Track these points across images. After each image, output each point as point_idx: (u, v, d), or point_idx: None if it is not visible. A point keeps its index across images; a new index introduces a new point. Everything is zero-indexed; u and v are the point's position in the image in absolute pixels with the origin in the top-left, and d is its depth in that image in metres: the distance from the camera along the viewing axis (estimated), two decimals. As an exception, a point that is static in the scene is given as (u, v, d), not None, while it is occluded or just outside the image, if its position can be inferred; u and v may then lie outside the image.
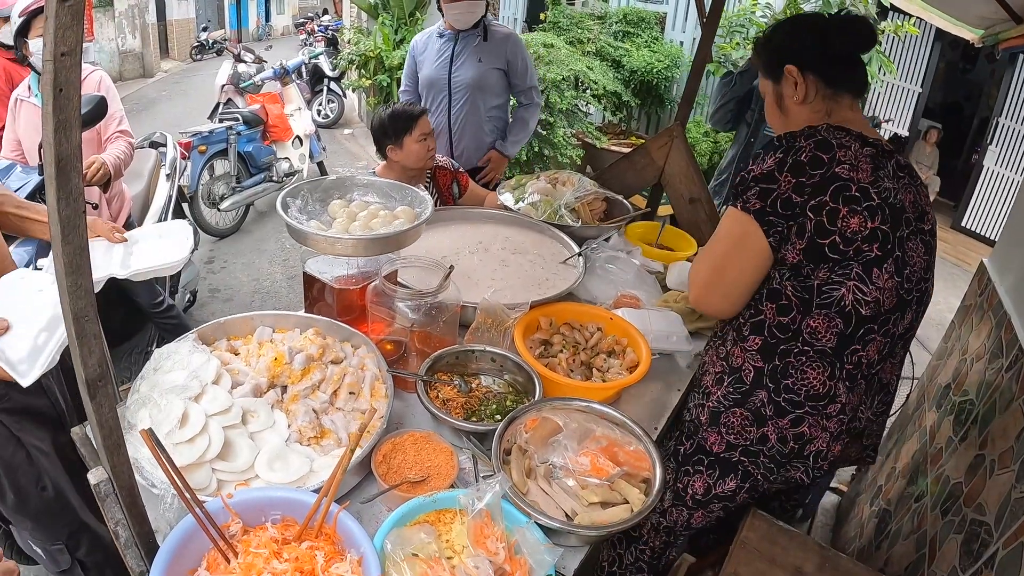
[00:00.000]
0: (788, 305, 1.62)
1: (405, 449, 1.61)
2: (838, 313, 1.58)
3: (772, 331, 1.66)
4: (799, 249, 1.56)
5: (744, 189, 1.60)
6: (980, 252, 8.18)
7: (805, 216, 1.53)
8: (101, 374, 1.11)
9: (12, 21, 3.05)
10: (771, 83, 1.78)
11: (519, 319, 2.00)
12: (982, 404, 2.09)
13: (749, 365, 1.70)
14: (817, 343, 1.61)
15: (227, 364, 1.80)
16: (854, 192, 1.51)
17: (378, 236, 1.86)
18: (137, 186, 4.06)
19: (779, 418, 1.67)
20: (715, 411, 1.77)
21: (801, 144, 1.56)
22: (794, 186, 1.53)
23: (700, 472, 1.83)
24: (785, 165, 1.54)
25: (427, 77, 3.83)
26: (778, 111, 1.78)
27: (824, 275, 1.57)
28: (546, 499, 1.49)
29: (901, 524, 2.33)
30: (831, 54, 1.67)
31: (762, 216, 1.57)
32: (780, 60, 1.72)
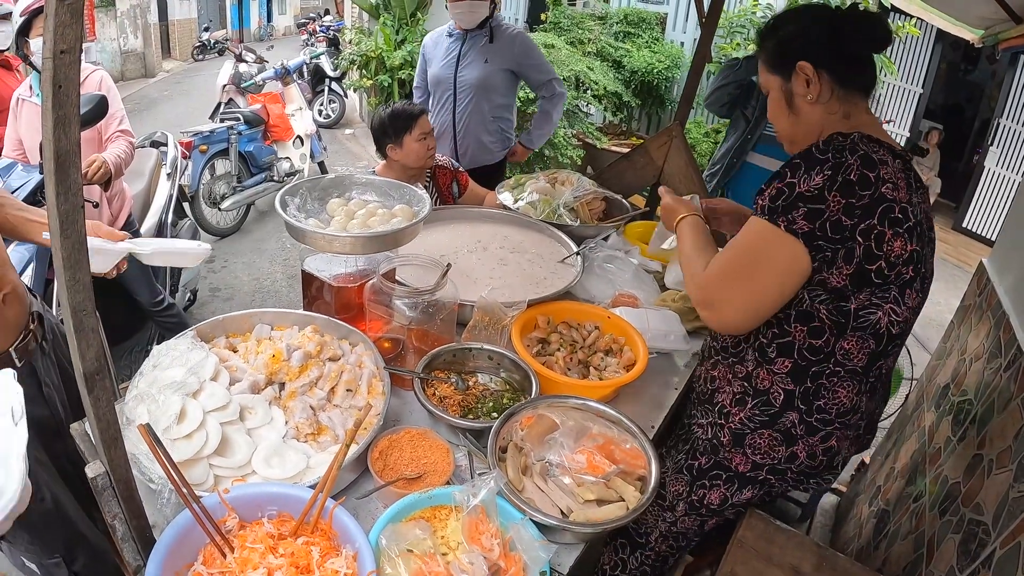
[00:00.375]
0: (821, 328, 1.55)
1: (402, 446, 1.61)
2: (872, 335, 1.54)
3: (803, 353, 1.59)
4: (846, 274, 1.47)
5: (789, 207, 1.46)
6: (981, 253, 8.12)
7: (855, 241, 1.43)
8: (99, 368, 1.11)
9: (13, 20, 3.05)
10: (779, 79, 1.65)
11: (516, 317, 2.00)
12: (980, 404, 2.09)
13: (779, 388, 1.64)
14: (849, 363, 1.57)
15: (225, 361, 1.80)
16: (897, 213, 1.43)
17: (375, 234, 1.86)
18: (138, 185, 4.07)
19: (810, 436, 1.65)
20: (739, 432, 1.72)
21: (849, 161, 1.44)
22: (844, 207, 1.42)
23: (718, 486, 1.79)
24: (835, 184, 1.42)
25: (434, 75, 3.88)
26: (786, 110, 1.65)
27: (864, 299, 1.50)
28: (541, 496, 1.49)
29: (900, 524, 2.33)
30: (846, 52, 1.57)
31: (811, 240, 1.45)
32: (791, 54, 1.59)
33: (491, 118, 3.88)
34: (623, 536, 1.96)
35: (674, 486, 1.85)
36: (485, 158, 4.01)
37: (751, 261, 1.54)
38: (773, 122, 1.73)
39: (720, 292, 1.57)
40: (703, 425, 1.82)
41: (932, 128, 9.80)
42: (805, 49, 1.58)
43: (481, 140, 3.93)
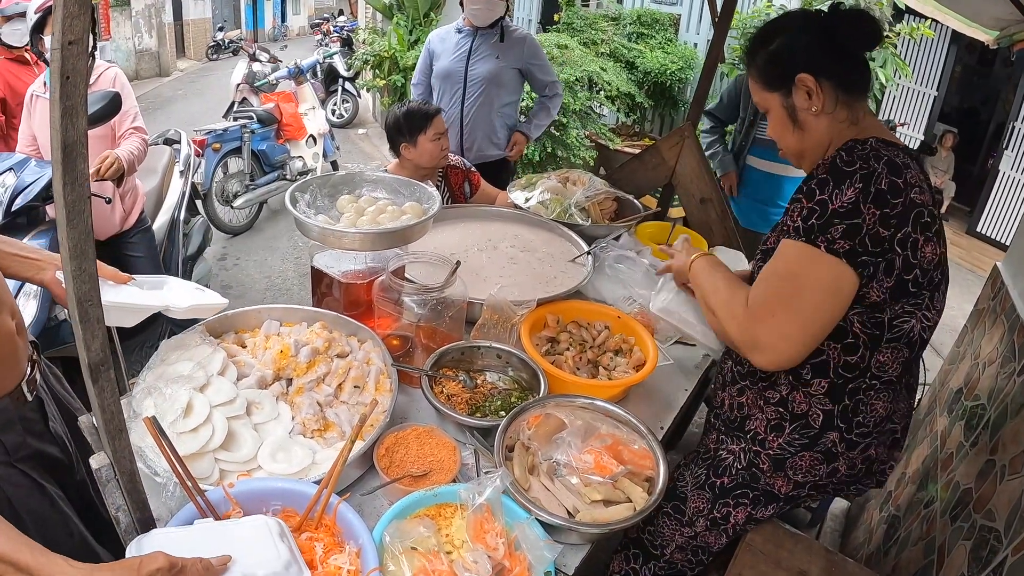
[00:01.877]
0: (855, 344, 1.50)
1: (408, 443, 1.60)
2: (906, 344, 1.50)
3: (838, 372, 1.54)
4: (886, 288, 1.42)
5: (825, 226, 1.38)
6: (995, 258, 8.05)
7: (894, 252, 1.38)
8: (104, 359, 1.11)
9: (28, 18, 3.07)
10: (777, 96, 1.57)
11: (526, 316, 1.99)
12: (994, 409, 2.06)
13: (817, 410, 1.59)
14: (884, 375, 1.54)
15: (234, 356, 1.81)
16: (926, 217, 1.39)
17: (385, 231, 1.86)
18: (151, 182, 4.09)
19: (850, 452, 1.62)
20: (779, 458, 1.67)
21: (877, 169, 1.37)
22: (879, 218, 1.35)
23: (744, 504, 1.76)
24: (868, 196, 1.36)
25: (443, 69, 3.92)
26: (791, 126, 1.58)
27: (898, 309, 1.46)
28: (548, 496, 1.48)
29: (910, 530, 2.30)
30: (844, 54, 1.50)
31: (854, 258, 1.38)
32: (787, 68, 1.52)
33: (498, 114, 3.95)
34: (637, 546, 1.92)
35: (695, 502, 1.81)
36: (491, 153, 4.07)
37: (795, 288, 1.43)
38: (778, 140, 1.65)
39: (768, 328, 1.45)
40: (734, 452, 1.76)
41: (946, 131, 9.72)
42: (801, 59, 1.51)
43: (488, 134, 3.99)
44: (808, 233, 1.40)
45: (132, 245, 3.47)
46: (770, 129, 1.65)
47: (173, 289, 1.90)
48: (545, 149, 6.18)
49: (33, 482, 1.73)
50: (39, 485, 1.74)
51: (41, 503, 1.75)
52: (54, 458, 1.84)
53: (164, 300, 1.79)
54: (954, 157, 9.67)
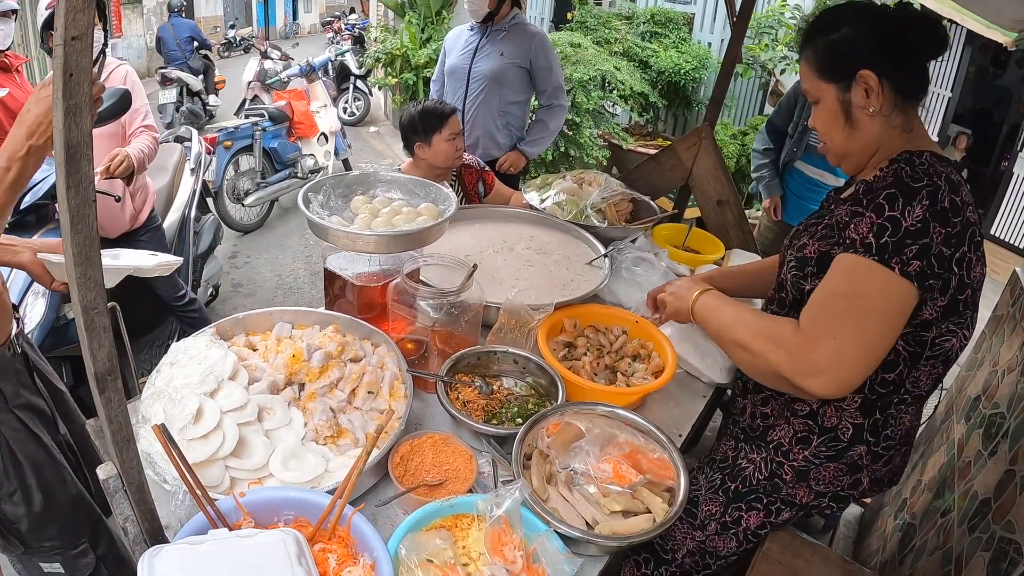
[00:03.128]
0: (895, 361, 1.45)
1: (423, 451, 1.57)
2: (943, 361, 1.47)
3: (874, 388, 1.50)
4: (939, 307, 1.36)
5: (899, 246, 1.30)
6: (1009, 261, 8.00)
7: (951, 272, 1.32)
8: (111, 368, 1.09)
9: (39, 14, 3.05)
10: (834, 88, 1.47)
11: (543, 320, 1.95)
12: (1013, 417, 2.01)
13: (847, 423, 1.57)
14: (916, 391, 1.51)
15: (244, 360, 1.78)
16: (978, 236, 1.35)
17: (400, 233, 1.82)
18: (161, 180, 4.08)
19: (874, 464, 1.60)
20: (803, 470, 1.64)
21: (940, 185, 1.32)
22: (943, 238, 1.29)
23: (758, 509, 1.72)
24: (935, 214, 1.29)
25: (451, 66, 3.93)
26: (842, 122, 1.49)
27: (944, 327, 1.41)
28: (566, 507, 1.45)
29: (926, 539, 2.26)
30: (911, 59, 1.42)
31: (923, 280, 1.31)
32: (850, 61, 1.42)
33: (500, 112, 3.89)
34: (647, 550, 1.88)
35: (707, 506, 1.77)
36: (494, 152, 4.01)
37: (861, 309, 1.33)
38: (823, 135, 1.56)
39: (829, 352, 1.33)
40: (755, 461, 1.72)
41: (960, 133, 9.63)
42: (865, 55, 1.41)
43: (489, 132, 3.93)
44: (881, 252, 1.31)
45: (142, 243, 3.45)
46: (816, 121, 1.55)
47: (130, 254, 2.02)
48: (558, 148, 6.15)
49: (29, 431, 1.84)
50: (34, 434, 1.89)
51: (37, 450, 1.90)
52: (42, 410, 1.95)
53: (133, 262, 1.91)
54: (967, 159, 9.58)
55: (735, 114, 8.54)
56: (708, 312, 1.65)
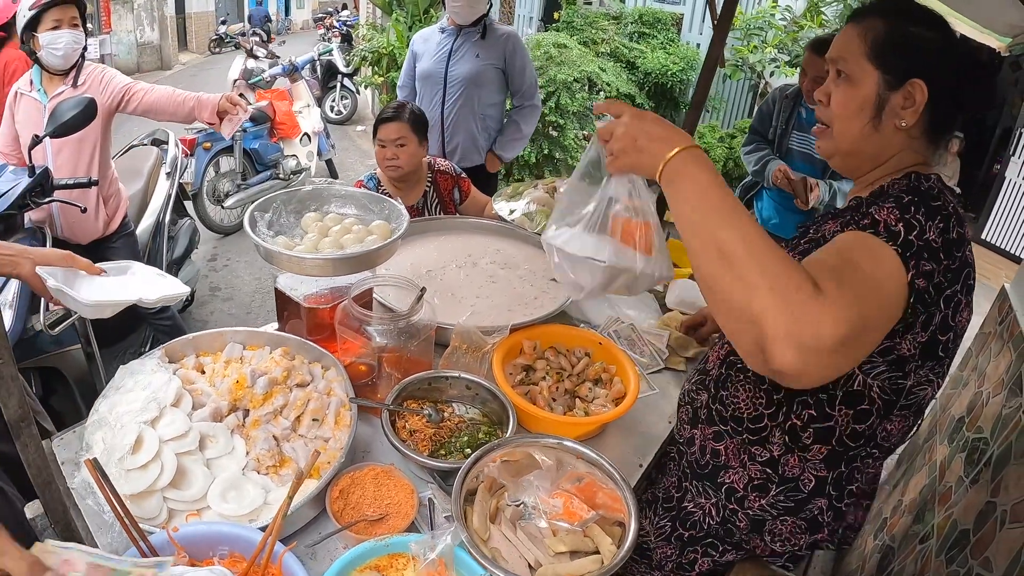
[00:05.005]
0: (869, 411, 1.31)
1: (364, 484, 1.51)
2: (915, 412, 1.35)
3: (843, 440, 1.37)
4: (919, 343, 1.21)
5: (919, 254, 1.14)
6: (1000, 266, 7.98)
7: (938, 307, 1.17)
8: (23, 415, 1.06)
9: (22, 14, 2.99)
10: (878, 75, 1.28)
11: (500, 342, 1.89)
12: (997, 445, 1.95)
13: (810, 475, 1.43)
14: (887, 444, 1.39)
15: (191, 383, 1.72)
16: (971, 280, 1.23)
17: (346, 256, 1.75)
18: (135, 185, 4.01)
19: (836, 522, 1.48)
20: (758, 520, 1.51)
21: (951, 213, 1.20)
22: (943, 270, 1.16)
23: (711, 555, 1.62)
24: (947, 246, 1.16)
25: (424, 70, 3.83)
26: (868, 116, 1.31)
27: (923, 374, 1.27)
28: (509, 548, 1.38)
29: (904, 565, 2.20)
30: (971, 93, 1.29)
31: (918, 302, 1.15)
32: (916, 63, 1.25)
33: (480, 115, 3.83)
34: None
35: (663, 549, 1.67)
36: (475, 156, 3.94)
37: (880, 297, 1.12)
38: (836, 118, 1.35)
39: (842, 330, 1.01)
40: (704, 507, 1.59)
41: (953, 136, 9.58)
42: (935, 67, 1.25)
43: (470, 137, 3.87)
44: (906, 248, 1.14)
45: (114, 250, 3.39)
46: (836, 100, 1.35)
47: (137, 274, 1.94)
48: (542, 151, 6.09)
49: None
50: None
51: None
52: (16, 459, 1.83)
53: (136, 293, 1.83)
54: (959, 163, 9.54)
55: (724, 116, 8.49)
56: (698, 177, 1.14)
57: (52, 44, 2.97)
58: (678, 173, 1.16)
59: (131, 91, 3.19)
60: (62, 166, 3.11)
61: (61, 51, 2.99)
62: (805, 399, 1.36)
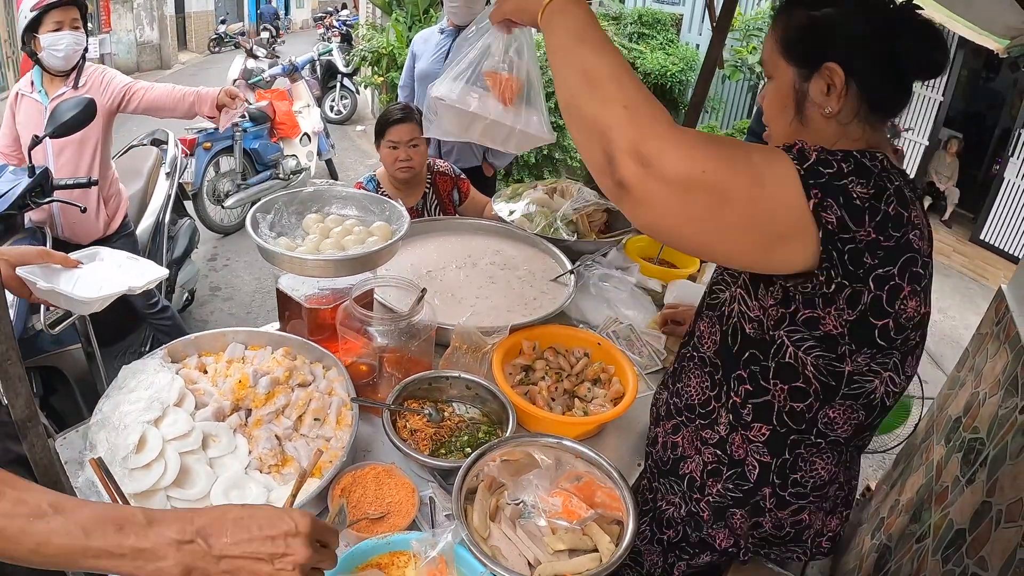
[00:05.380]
0: (806, 391, 1.29)
1: (366, 483, 1.52)
2: (863, 405, 1.29)
3: (782, 419, 1.34)
4: (845, 321, 1.17)
5: (828, 188, 1.08)
6: (998, 266, 8.01)
7: (865, 285, 1.14)
8: (30, 415, 1.08)
9: (23, 15, 3.00)
10: (793, 70, 1.27)
11: (499, 343, 1.90)
12: (993, 445, 1.97)
13: (754, 460, 1.41)
14: (831, 434, 1.34)
15: (194, 383, 1.73)
16: (919, 268, 1.16)
17: (348, 257, 1.76)
18: (135, 185, 4.03)
19: (779, 510, 1.45)
20: (719, 507, 1.50)
21: (890, 189, 1.13)
22: (870, 244, 1.11)
23: (686, 559, 1.62)
24: (876, 214, 1.11)
25: (422, 71, 3.85)
26: (791, 112, 1.29)
27: (862, 361, 1.22)
28: (508, 546, 1.39)
29: (901, 564, 2.22)
30: (895, 71, 1.22)
31: (828, 243, 1.10)
32: (821, 47, 1.23)
33: None
34: None
35: (649, 556, 1.68)
36: (471, 158, 3.96)
37: (745, 178, 1.06)
38: (767, 119, 1.36)
39: (680, 161, 1.02)
40: (674, 502, 1.59)
41: (951, 137, 9.61)
42: (843, 47, 1.21)
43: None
44: (811, 175, 1.08)
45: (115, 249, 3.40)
46: (765, 101, 1.36)
47: (107, 260, 1.89)
48: (541, 152, 6.10)
49: None
50: None
51: None
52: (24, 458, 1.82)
53: (125, 282, 1.78)
54: (958, 163, 9.57)
55: (723, 117, 8.51)
56: (576, 13, 1.19)
57: (53, 46, 2.99)
58: (558, 11, 1.20)
59: (131, 90, 3.21)
60: (63, 166, 3.13)
61: (62, 53, 3.01)
62: (740, 374, 1.37)
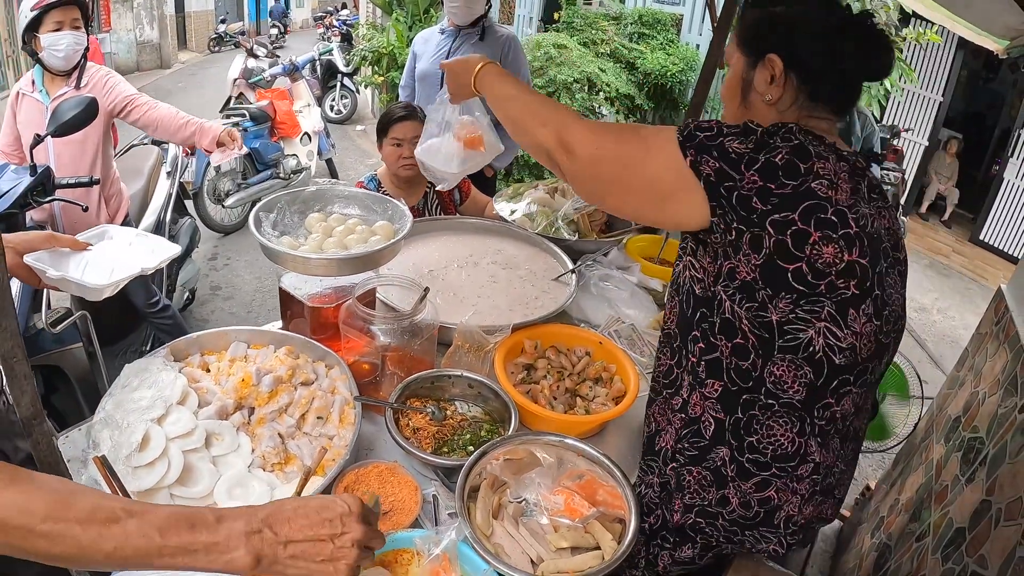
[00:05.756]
0: (745, 346, 1.35)
1: (369, 481, 1.53)
2: (806, 360, 1.31)
3: (731, 375, 1.39)
4: (755, 265, 1.27)
5: (705, 148, 1.28)
6: (997, 267, 8.02)
7: (763, 229, 1.24)
8: (35, 412, 1.08)
9: (23, 15, 3.01)
10: (743, 59, 1.42)
11: (501, 341, 1.91)
12: (992, 444, 1.97)
13: (709, 416, 1.44)
14: (783, 395, 1.35)
15: (196, 382, 1.74)
16: (830, 215, 1.24)
17: (351, 256, 1.77)
18: (136, 184, 4.03)
19: (742, 480, 1.43)
20: (678, 472, 1.52)
21: (777, 144, 1.26)
22: (759, 190, 1.24)
23: (668, 549, 1.59)
24: (754, 164, 1.24)
25: (423, 71, 3.87)
26: (739, 99, 1.45)
27: (786, 308, 1.28)
28: (511, 543, 1.40)
29: (900, 563, 2.23)
30: (836, 67, 1.35)
31: (711, 191, 1.27)
32: (768, 39, 1.38)
33: None
34: None
35: (635, 546, 1.68)
36: None
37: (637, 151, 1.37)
38: (724, 100, 1.52)
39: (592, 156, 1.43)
40: (652, 483, 1.60)
41: (951, 137, 9.63)
42: (784, 40, 1.36)
43: None
44: (688, 140, 1.30)
45: (115, 248, 3.41)
46: (724, 85, 1.51)
47: (116, 238, 1.90)
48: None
49: None
50: None
51: None
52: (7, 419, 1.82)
53: (138, 264, 1.79)
54: (958, 163, 9.59)
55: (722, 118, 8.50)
56: (493, 79, 1.72)
57: (54, 46, 2.99)
58: (482, 81, 1.75)
59: (135, 103, 3.23)
60: (64, 166, 3.14)
61: (63, 53, 3.02)
62: (695, 334, 1.44)
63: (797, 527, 1.47)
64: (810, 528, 1.51)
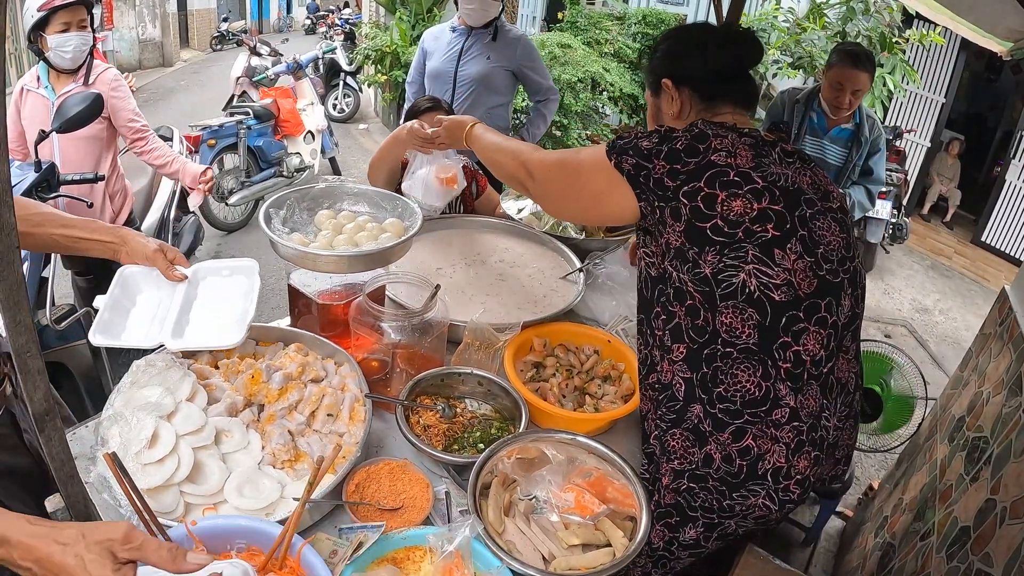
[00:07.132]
0: (695, 305, 1.50)
1: (380, 479, 1.53)
2: (747, 303, 1.44)
3: (691, 335, 1.51)
4: (679, 232, 1.50)
5: (622, 151, 1.59)
6: (999, 268, 8.02)
7: (679, 201, 1.50)
8: (48, 408, 1.09)
9: (30, 14, 3.01)
10: (651, 96, 1.80)
11: (511, 340, 1.91)
12: (997, 443, 1.98)
13: (679, 378, 1.53)
14: (739, 341, 1.45)
15: (205, 379, 1.73)
16: (732, 177, 1.49)
17: (361, 253, 1.78)
18: (140, 182, 4.04)
19: (719, 432, 1.47)
20: (661, 439, 1.58)
21: (678, 135, 1.56)
22: (667, 171, 1.52)
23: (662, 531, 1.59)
24: (660, 154, 1.54)
25: (434, 69, 3.87)
26: (656, 122, 1.78)
27: (713, 259, 1.46)
28: (523, 540, 1.41)
29: (905, 562, 2.23)
30: (710, 69, 1.66)
31: (634, 182, 1.56)
32: (659, 72, 1.73)
33: (487, 115, 3.84)
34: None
35: None
36: None
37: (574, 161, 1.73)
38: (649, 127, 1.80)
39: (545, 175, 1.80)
40: (645, 467, 1.72)
41: (953, 138, 9.62)
42: (667, 67, 1.72)
43: None
44: (611, 149, 1.61)
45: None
46: (648, 122, 1.86)
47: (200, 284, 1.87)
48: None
49: None
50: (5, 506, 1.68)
51: None
52: (28, 473, 1.78)
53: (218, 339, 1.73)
54: (960, 165, 9.58)
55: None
56: (480, 134, 2.09)
57: (61, 47, 3.00)
58: (471, 136, 2.11)
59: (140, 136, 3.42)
60: (69, 162, 3.14)
61: (70, 54, 3.03)
62: (656, 310, 1.60)
63: (791, 481, 1.47)
64: (807, 485, 1.50)
